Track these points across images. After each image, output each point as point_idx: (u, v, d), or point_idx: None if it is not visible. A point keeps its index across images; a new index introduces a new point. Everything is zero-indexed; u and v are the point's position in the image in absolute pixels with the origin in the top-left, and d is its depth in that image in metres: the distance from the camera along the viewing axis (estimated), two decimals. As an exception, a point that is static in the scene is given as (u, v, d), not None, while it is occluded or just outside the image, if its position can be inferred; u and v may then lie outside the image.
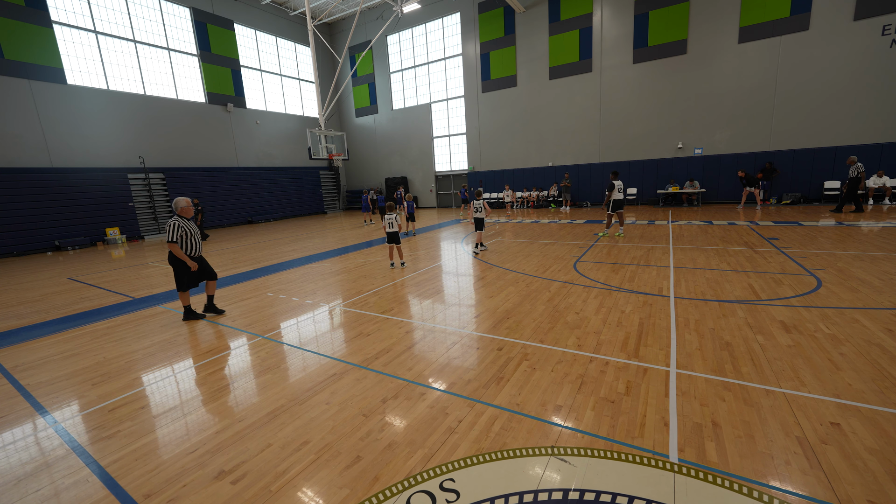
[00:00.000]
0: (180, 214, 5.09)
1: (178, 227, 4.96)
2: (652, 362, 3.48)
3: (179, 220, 5.01)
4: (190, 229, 5.11)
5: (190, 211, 5.16)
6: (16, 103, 13.28)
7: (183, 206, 5.09)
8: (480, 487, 2.19)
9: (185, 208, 5.11)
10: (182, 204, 5.09)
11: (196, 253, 5.20)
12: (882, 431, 2.43)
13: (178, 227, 4.96)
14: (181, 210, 5.09)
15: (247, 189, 20.35)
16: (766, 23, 13.80)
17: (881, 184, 12.57)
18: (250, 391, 3.47)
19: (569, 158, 18.52)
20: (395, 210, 7.78)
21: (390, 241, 7.81)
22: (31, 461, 2.70)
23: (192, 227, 5.15)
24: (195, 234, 5.19)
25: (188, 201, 5.14)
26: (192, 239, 5.14)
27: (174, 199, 5.10)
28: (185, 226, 5.06)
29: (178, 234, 4.96)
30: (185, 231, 5.04)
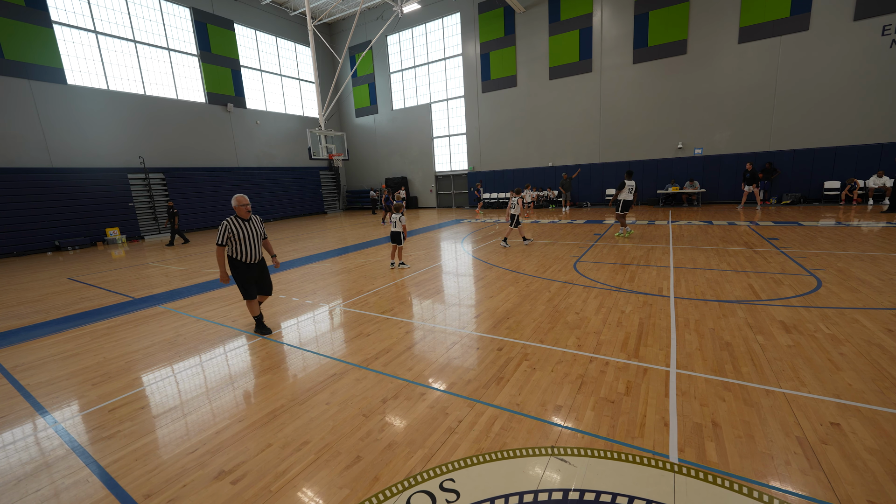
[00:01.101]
0: (237, 214, 4.44)
1: (225, 228, 4.31)
2: (652, 362, 3.48)
3: (230, 221, 4.35)
4: (244, 231, 4.39)
5: (244, 211, 4.41)
6: (16, 103, 13.29)
7: (235, 204, 4.39)
8: (480, 487, 2.19)
9: (239, 207, 4.39)
10: (235, 202, 4.39)
11: (251, 258, 4.51)
12: (882, 431, 2.43)
13: (224, 229, 4.31)
14: (235, 208, 4.43)
15: (247, 189, 20.32)
16: (766, 23, 13.81)
17: (881, 184, 12.57)
18: (250, 391, 3.47)
19: (569, 158, 18.53)
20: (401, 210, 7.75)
21: (392, 241, 7.83)
22: (31, 461, 2.70)
23: (247, 228, 4.43)
24: (250, 237, 4.45)
25: (240, 199, 4.38)
26: (245, 243, 4.42)
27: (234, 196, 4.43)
28: (237, 227, 4.36)
29: (224, 237, 4.33)
30: (235, 233, 4.33)
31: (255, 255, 4.54)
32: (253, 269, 4.57)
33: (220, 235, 4.32)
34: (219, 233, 4.33)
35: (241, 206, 4.37)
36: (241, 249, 4.43)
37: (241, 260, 4.46)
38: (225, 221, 4.32)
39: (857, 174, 13.19)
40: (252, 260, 4.52)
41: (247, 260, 4.49)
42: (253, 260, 4.53)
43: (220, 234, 4.32)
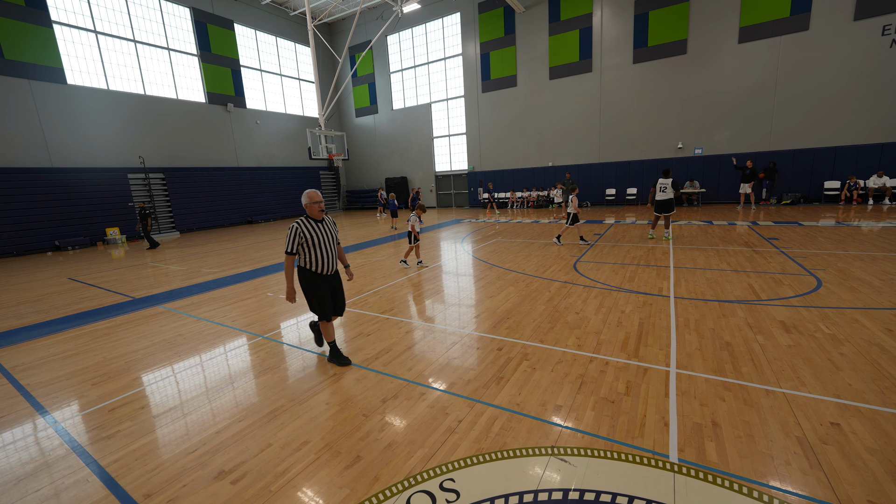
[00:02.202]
0: (308, 214, 3.63)
1: (295, 232, 3.50)
2: (652, 362, 3.48)
3: (301, 223, 3.53)
4: (319, 235, 3.56)
5: (317, 210, 3.58)
6: (16, 103, 13.29)
7: (306, 201, 3.56)
8: (480, 487, 2.19)
9: (311, 205, 3.55)
10: (306, 199, 3.56)
11: (328, 268, 3.66)
12: (882, 431, 2.43)
13: (295, 233, 3.50)
14: (307, 207, 3.58)
15: (247, 189, 20.35)
16: (766, 23, 13.80)
17: (881, 184, 12.57)
18: (250, 391, 3.47)
19: (569, 158, 18.52)
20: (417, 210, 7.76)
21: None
22: (31, 461, 2.70)
23: (322, 231, 3.60)
24: (326, 242, 3.62)
25: (313, 196, 3.55)
26: (321, 250, 3.58)
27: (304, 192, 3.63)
28: (310, 230, 3.53)
29: (294, 243, 3.53)
30: (308, 237, 3.51)
31: (332, 264, 3.69)
32: (330, 281, 3.74)
33: (289, 241, 3.53)
34: (288, 238, 3.54)
35: (314, 204, 3.54)
36: (316, 258, 3.59)
37: (316, 271, 3.62)
38: (294, 224, 3.53)
39: (857, 174, 13.18)
40: (329, 271, 3.68)
41: (323, 271, 3.64)
42: (330, 270, 3.69)
43: (289, 240, 3.53)
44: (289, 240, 3.54)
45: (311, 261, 3.60)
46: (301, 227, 3.53)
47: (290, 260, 3.61)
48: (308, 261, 3.61)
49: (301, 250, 3.58)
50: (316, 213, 3.59)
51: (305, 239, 3.53)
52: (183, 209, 17.76)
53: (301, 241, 3.54)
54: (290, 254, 3.57)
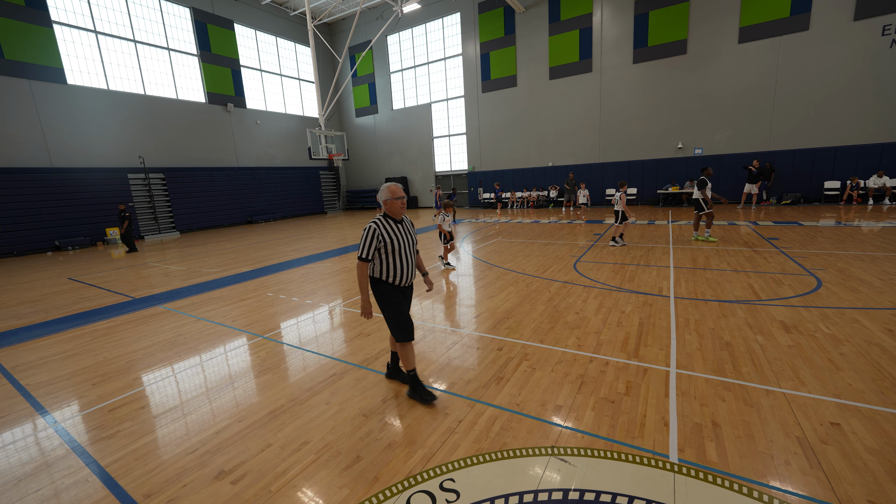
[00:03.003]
0: (386, 212, 3.01)
1: (373, 234, 2.88)
2: (652, 362, 3.48)
3: (379, 223, 2.93)
4: (399, 239, 2.95)
5: (399, 207, 2.97)
6: (16, 103, 13.28)
7: (386, 196, 2.96)
8: (480, 487, 2.19)
9: (393, 202, 2.95)
10: (387, 194, 2.96)
11: (407, 278, 3.04)
12: (882, 431, 2.43)
13: (373, 236, 2.88)
14: (387, 204, 2.98)
15: (247, 189, 20.34)
16: (766, 23, 13.80)
17: (881, 184, 12.57)
18: (250, 391, 3.47)
19: (569, 158, 18.52)
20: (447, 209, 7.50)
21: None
22: (31, 461, 2.70)
23: (402, 234, 2.98)
24: (407, 247, 3.00)
25: (395, 190, 2.96)
26: (400, 256, 2.96)
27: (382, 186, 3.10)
28: (390, 233, 2.92)
29: (370, 247, 2.89)
30: (388, 241, 2.90)
31: (411, 273, 3.07)
32: (407, 295, 3.12)
33: (366, 245, 2.89)
34: (363, 242, 2.90)
35: (396, 200, 2.94)
36: (395, 266, 2.96)
37: (394, 282, 2.99)
38: (372, 225, 2.89)
39: (857, 174, 13.18)
40: (408, 281, 3.06)
41: (402, 282, 3.02)
42: (408, 281, 3.07)
43: (365, 244, 2.89)
44: (364, 243, 2.89)
45: (389, 269, 2.96)
46: (380, 229, 2.89)
47: (365, 268, 2.97)
48: (384, 269, 2.96)
49: (376, 256, 2.95)
50: (398, 210, 2.97)
51: (385, 243, 2.89)
52: (183, 209, 17.76)
53: (379, 245, 2.90)
54: (366, 260, 2.93)
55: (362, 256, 2.92)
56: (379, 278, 3.01)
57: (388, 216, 2.99)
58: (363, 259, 2.93)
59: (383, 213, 3.02)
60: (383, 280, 3.00)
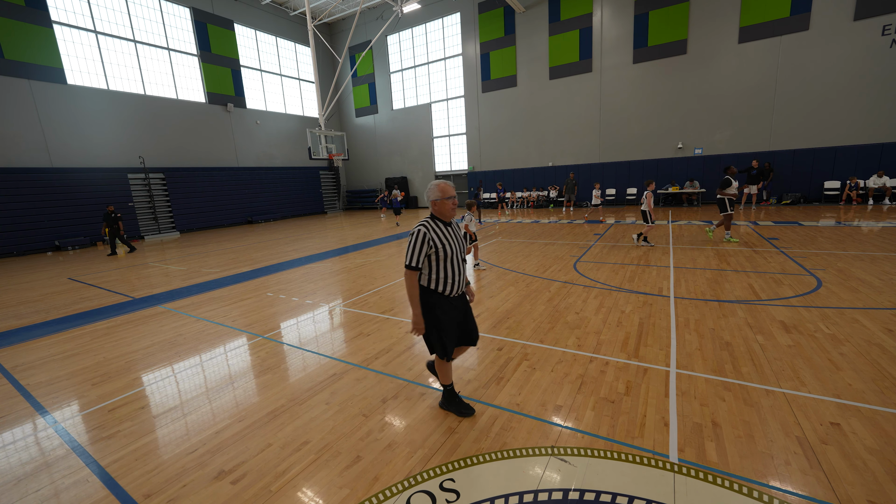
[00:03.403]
0: (435, 214, 2.69)
1: (423, 238, 2.55)
2: (652, 362, 3.48)
3: (428, 226, 2.61)
4: (449, 243, 2.63)
5: (450, 208, 2.65)
6: (16, 103, 13.28)
7: (437, 195, 2.64)
8: (480, 487, 2.19)
9: (444, 202, 2.63)
10: (437, 193, 2.65)
11: (456, 288, 2.70)
12: (882, 431, 2.43)
13: (423, 240, 2.55)
14: (437, 205, 2.66)
15: (247, 189, 20.34)
16: (766, 23, 13.80)
17: (881, 184, 12.57)
18: (250, 391, 3.47)
19: (569, 158, 18.52)
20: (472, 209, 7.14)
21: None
22: (31, 461, 2.70)
23: (452, 237, 2.67)
24: (456, 252, 2.69)
25: (446, 189, 2.65)
26: (450, 263, 2.64)
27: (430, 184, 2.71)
28: (441, 236, 2.60)
29: (420, 254, 2.56)
30: (437, 246, 2.58)
31: (461, 282, 2.75)
32: (457, 305, 2.75)
33: (415, 252, 2.56)
34: (412, 247, 2.57)
35: (448, 200, 2.63)
36: (444, 274, 2.64)
37: (443, 292, 2.66)
38: (421, 228, 2.58)
39: (857, 174, 13.18)
40: (457, 291, 2.72)
41: (451, 291, 2.68)
42: (458, 291, 2.73)
43: (414, 250, 2.56)
44: (413, 249, 2.56)
45: (437, 278, 2.64)
46: (430, 233, 2.57)
47: (415, 278, 2.63)
48: (433, 278, 2.64)
49: (425, 264, 2.64)
50: (449, 212, 2.66)
51: (435, 248, 2.57)
52: (183, 209, 17.76)
53: (430, 251, 2.57)
54: (415, 269, 2.58)
55: (412, 264, 2.57)
56: (427, 287, 2.67)
57: (436, 218, 2.68)
58: (413, 267, 2.58)
59: (430, 214, 2.73)
60: (432, 289, 2.67)
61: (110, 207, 12.51)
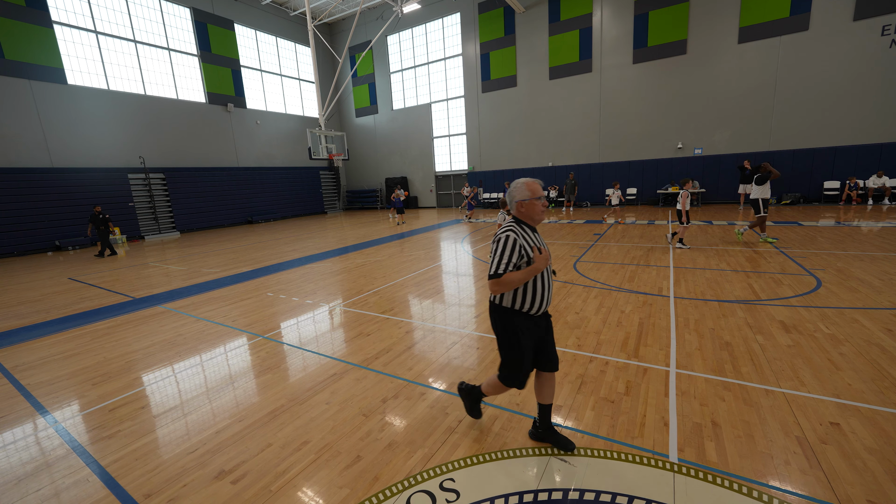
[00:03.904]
0: (518, 216, 2.33)
1: (513, 246, 2.17)
2: (652, 362, 3.48)
3: (517, 231, 2.23)
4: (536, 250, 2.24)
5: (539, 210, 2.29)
6: (16, 103, 13.28)
7: (525, 195, 2.26)
8: (480, 487, 2.20)
9: (532, 203, 2.26)
10: (525, 192, 2.27)
11: (542, 306, 2.31)
12: (882, 431, 2.44)
13: (513, 248, 2.17)
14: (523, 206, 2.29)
15: (247, 189, 20.34)
16: (765, 23, 13.80)
17: (881, 184, 12.58)
18: (250, 391, 3.47)
19: (569, 158, 18.52)
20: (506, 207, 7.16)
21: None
22: (32, 461, 2.71)
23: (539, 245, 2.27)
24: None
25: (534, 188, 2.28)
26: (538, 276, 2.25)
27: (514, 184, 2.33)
28: (528, 245, 2.21)
29: (510, 262, 2.16)
30: (529, 255, 2.20)
31: (549, 297, 2.34)
32: (540, 325, 2.37)
33: (502, 259, 2.17)
34: (500, 254, 2.18)
35: (538, 202, 2.26)
36: (533, 288, 2.26)
37: (529, 310, 2.28)
38: (510, 234, 2.20)
39: (856, 174, 13.18)
40: (543, 309, 2.32)
41: (537, 309, 2.29)
42: (543, 309, 2.33)
43: (502, 258, 2.17)
44: (502, 256, 2.16)
45: (525, 294, 2.25)
46: (521, 239, 2.19)
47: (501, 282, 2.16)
48: (518, 294, 2.25)
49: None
50: (539, 214, 2.28)
51: (527, 258, 2.19)
52: (183, 209, 17.76)
53: (520, 261, 2.18)
54: (495, 276, 2.16)
55: (497, 272, 2.15)
56: (510, 307, 2.28)
57: (522, 222, 2.30)
58: (497, 276, 2.15)
59: (513, 217, 2.33)
60: (515, 309, 2.28)
61: (97, 208, 12.09)
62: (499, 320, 2.36)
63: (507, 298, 2.30)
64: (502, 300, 2.32)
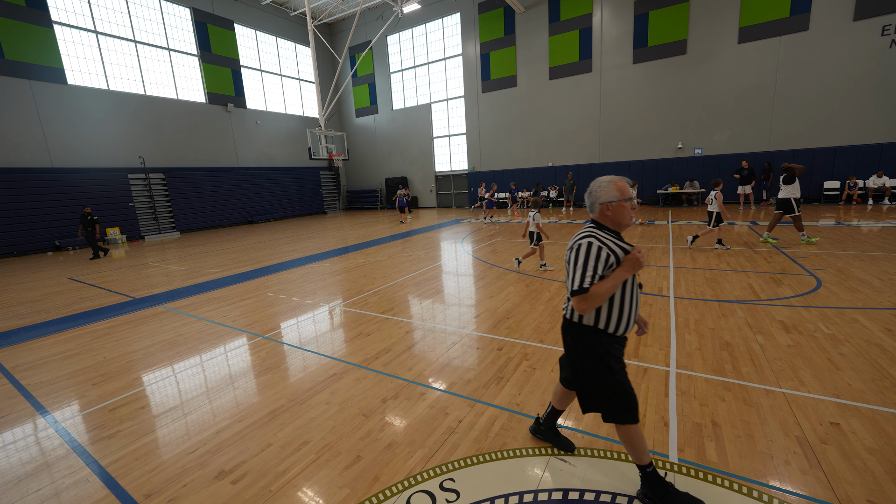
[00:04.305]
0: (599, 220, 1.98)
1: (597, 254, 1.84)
2: (652, 362, 3.48)
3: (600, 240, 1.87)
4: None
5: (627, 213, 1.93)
6: (16, 103, 13.28)
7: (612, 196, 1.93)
8: (480, 487, 2.20)
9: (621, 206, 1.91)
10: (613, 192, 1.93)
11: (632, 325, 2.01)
12: (882, 431, 2.44)
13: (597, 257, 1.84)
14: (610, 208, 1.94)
15: (247, 189, 20.34)
16: (765, 23, 13.80)
17: (881, 184, 12.58)
18: (250, 391, 3.47)
19: (569, 158, 18.52)
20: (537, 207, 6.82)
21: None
22: (32, 461, 2.71)
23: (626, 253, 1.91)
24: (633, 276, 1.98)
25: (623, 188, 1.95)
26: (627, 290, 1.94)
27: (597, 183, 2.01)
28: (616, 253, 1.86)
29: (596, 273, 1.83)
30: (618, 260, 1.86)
31: (636, 314, 2.02)
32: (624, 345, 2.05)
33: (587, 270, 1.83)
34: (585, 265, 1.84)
35: (628, 203, 1.92)
36: (620, 305, 1.94)
37: (614, 331, 1.96)
38: (593, 241, 1.86)
39: (856, 174, 13.18)
40: (630, 327, 2.00)
41: (625, 329, 1.98)
42: (630, 327, 2.00)
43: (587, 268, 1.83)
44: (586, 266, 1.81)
45: (611, 311, 1.91)
46: (609, 249, 1.83)
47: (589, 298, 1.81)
48: (604, 312, 1.91)
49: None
50: (628, 218, 1.92)
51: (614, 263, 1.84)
52: (183, 209, 17.76)
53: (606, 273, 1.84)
54: (581, 291, 1.81)
55: (581, 286, 1.79)
56: (593, 325, 1.94)
57: (604, 227, 1.94)
58: (581, 291, 1.80)
59: (594, 222, 1.97)
60: (601, 329, 1.94)
61: (87, 209, 11.80)
62: (580, 342, 1.98)
63: (589, 315, 1.94)
64: (582, 317, 1.95)
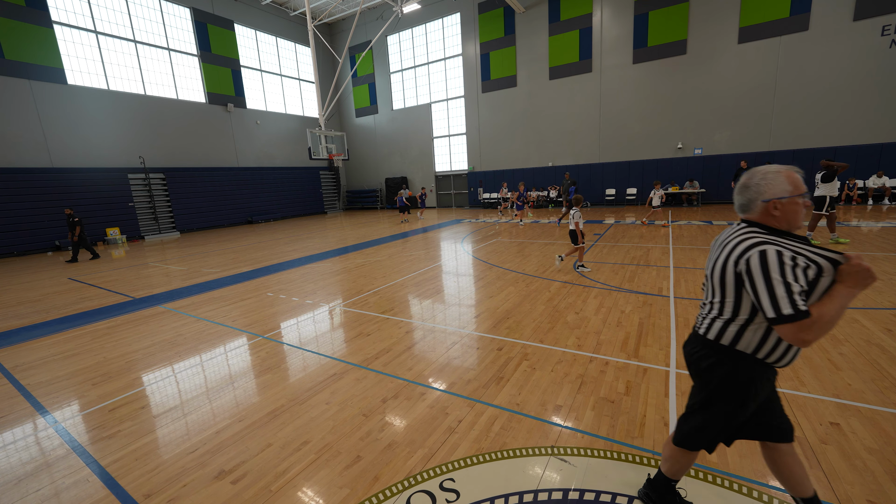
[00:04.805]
0: (763, 221, 1.57)
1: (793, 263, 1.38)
2: (652, 362, 3.48)
3: (773, 241, 1.44)
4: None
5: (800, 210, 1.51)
6: (16, 103, 13.28)
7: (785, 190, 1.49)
8: (480, 487, 2.20)
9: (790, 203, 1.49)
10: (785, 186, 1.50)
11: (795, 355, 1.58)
12: (882, 431, 2.43)
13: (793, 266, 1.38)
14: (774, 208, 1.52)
15: (247, 189, 20.35)
16: (766, 23, 13.81)
17: (881, 184, 12.58)
18: (250, 391, 3.47)
19: (569, 158, 18.52)
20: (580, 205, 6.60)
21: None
22: (32, 461, 2.71)
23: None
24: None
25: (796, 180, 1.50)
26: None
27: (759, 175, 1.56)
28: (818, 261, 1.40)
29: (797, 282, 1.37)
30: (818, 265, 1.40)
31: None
32: (773, 381, 1.70)
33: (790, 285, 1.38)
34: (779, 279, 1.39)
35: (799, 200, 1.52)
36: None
37: (776, 361, 1.58)
38: (773, 247, 1.43)
39: (856, 174, 13.19)
40: (794, 359, 1.59)
41: (787, 360, 1.58)
42: (795, 358, 1.60)
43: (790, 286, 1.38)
44: (787, 281, 1.39)
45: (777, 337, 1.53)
46: (806, 259, 1.42)
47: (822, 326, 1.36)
48: (770, 339, 1.54)
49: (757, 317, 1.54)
50: (799, 218, 1.54)
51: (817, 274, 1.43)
52: (183, 209, 17.76)
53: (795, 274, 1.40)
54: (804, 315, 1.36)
55: (801, 308, 1.36)
56: (751, 354, 1.59)
57: (776, 230, 1.55)
58: (802, 314, 1.35)
59: (754, 223, 1.59)
60: (759, 357, 1.58)
61: (68, 210, 11.51)
62: (729, 367, 1.63)
63: (747, 342, 1.58)
64: (737, 341, 1.59)
